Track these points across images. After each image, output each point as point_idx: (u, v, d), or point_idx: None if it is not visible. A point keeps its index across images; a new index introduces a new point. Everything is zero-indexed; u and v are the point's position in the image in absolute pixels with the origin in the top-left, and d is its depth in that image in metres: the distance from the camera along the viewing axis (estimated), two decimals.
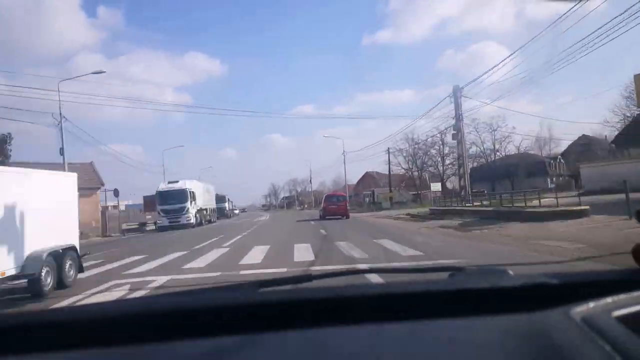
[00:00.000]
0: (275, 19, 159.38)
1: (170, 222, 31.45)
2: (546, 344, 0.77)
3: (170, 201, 32.31)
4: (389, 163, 50.45)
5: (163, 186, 34.57)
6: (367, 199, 52.08)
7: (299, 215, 45.51)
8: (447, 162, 51.16)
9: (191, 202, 33.08)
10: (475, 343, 0.81)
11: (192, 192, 33.73)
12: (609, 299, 0.85)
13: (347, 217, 28.77)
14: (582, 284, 0.94)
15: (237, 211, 46.20)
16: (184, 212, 32.31)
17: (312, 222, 26.32)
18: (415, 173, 55.59)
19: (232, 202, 57.76)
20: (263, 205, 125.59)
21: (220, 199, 48.90)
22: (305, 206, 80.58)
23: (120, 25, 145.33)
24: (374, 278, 4.18)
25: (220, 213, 47.38)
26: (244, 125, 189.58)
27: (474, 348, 0.80)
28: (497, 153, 56.55)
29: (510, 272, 1.03)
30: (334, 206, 29.65)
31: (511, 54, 77.39)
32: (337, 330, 0.85)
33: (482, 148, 55.43)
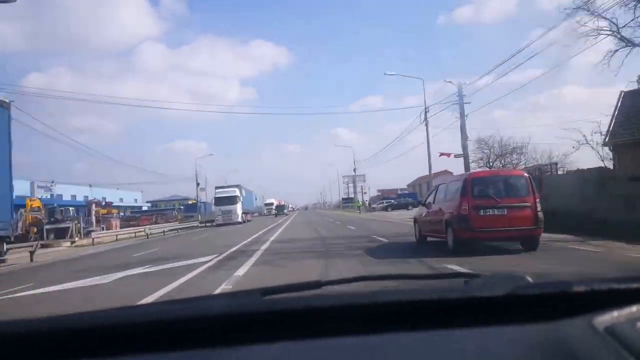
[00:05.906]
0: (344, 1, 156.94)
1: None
2: (567, 355, 0.74)
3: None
4: None
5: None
6: None
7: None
8: None
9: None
10: (491, 354, 0.78)
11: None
12: (634, 308, 0.82)
13: (536, 245, 8.99)
14: (606, 291, 0.90)
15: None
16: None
17: None
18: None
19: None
20: (343, 200, 79.28)
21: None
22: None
23: (184, 13, 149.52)
24: (387, 285, 4.12)
25: None
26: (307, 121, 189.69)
27: None
28: None
29: (529, 279, 1.00)
30: (501, 211, 8.90)
31: None
32: (347, 341, 0.82)
33: None
